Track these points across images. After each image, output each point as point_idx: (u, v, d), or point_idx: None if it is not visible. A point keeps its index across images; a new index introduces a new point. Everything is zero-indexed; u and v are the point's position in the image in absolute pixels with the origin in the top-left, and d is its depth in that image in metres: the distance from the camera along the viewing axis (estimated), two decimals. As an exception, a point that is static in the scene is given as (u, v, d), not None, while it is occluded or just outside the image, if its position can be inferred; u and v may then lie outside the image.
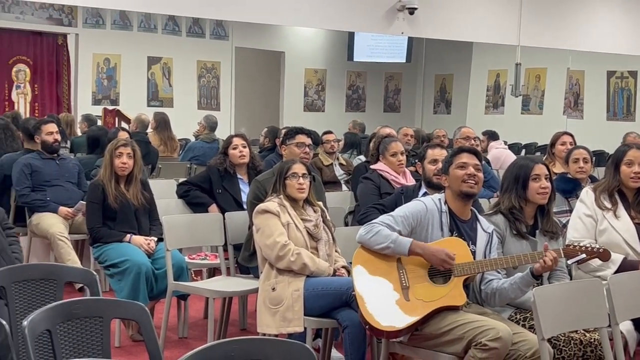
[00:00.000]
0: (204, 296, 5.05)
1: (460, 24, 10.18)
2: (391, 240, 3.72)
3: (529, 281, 3.66)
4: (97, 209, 5.26)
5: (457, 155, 3.92)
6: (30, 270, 3.43)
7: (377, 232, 3.75)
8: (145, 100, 14.51)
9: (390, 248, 3.73)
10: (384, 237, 3.74)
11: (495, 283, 3.77)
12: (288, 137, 5.58)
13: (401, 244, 3.71)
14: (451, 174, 3.88)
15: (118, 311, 2.99)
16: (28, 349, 2.57)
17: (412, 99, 18.19)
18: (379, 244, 3.75)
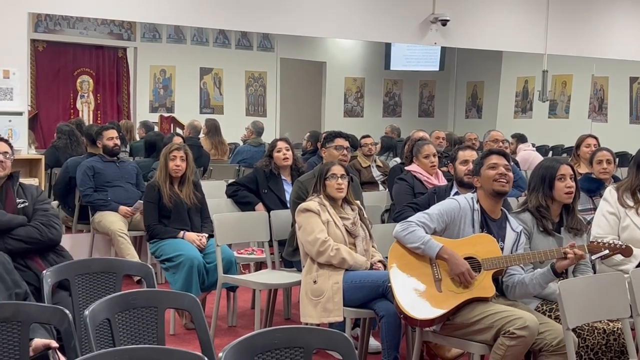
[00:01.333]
0: (251, 288, 5.07)
1: (490, 34, 10.08)
2: (423, 242, 3.72)
3: (549, 277, 3.63)
4: (153, 208, 5.30)
5: (487, 157, 3.90)
6: (92, 264, 3.47)
7: (412, 232, 3.75)
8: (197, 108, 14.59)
9: (421, 249, 3.73)
10: (418, 237, 3.73)
11: (516, 277, 3.75)
12: (327, 141, 5.57)
13: (431, 248, 3.71)
14: (482, 175, 3.85)
15: (172, 302, 3.02)
16: (89, 336, 2.60)
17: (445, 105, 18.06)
18: (412, 242, 3.74)
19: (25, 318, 2.66)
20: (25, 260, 3.88)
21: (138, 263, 3.73)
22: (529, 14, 10.46)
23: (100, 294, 3.34)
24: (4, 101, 6.36)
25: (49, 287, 3.24)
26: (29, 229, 3.92)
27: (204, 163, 8.25)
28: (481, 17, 10.03)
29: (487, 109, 17.19)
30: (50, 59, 12.90)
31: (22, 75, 6.48)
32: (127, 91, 13.86)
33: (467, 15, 9.83)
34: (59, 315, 2.68)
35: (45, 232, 3.94)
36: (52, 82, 12.91)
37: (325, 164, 4.67)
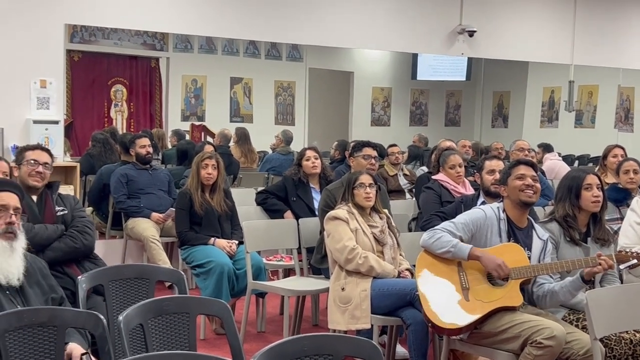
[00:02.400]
0: (280, 294, 5.07)
1: (516, 44, 10.02)
2: (452, 245, 3.69)
3: (579, 285, 3.59)
4: (185, 215, 5.33)
5: (515, 167, 3.87)
6: (125, 270, 3.50)
7: (439, 238, 3.73)
8: (228, 117, 14.64)
9: (451, 252, 3.70)
10: (446, 242, 3.71)
11: (546, 286, 3.72)
12: (356, 150, 5.57)
13: (461, 249, 3.68)
14: (510, 185, 3.83)
15: (203, 308, 3.03)
16: (123, 341, 2.62)
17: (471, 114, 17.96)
18: (440, 248, 3.72)
19: (61, 323, 2.69)
20: (62, 266, 3.92)
21: (170, 269, 3.75)
22: (555, 25, 10.39)
23: (133, 299, 3.37)
24: (41, 110, 6.44)
25: (84, 292, 3.27)
26: (66, 241, 3.97)
27: (234, 171, 8.28)
28: (508, 28, 9.98)
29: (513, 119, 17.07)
30: (85, 69, 13.03)
31: (59, 85, 6.56)
32: (159, 100, 13.96)
33: (494, 26, 9.79)
34: (94, 320, 2.71)
35: (80, 239, 3.99)
36: (87, 92, 13.05)
37: (353, 172, 4.67)
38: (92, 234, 4.07)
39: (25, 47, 6.41)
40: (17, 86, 6.37)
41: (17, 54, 6.37)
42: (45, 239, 3.90)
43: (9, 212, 3.11)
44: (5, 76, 6.32)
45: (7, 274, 3.01)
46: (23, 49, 6.40)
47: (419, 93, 17.62)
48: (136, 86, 13.78)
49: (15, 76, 6.36)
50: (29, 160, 4.10)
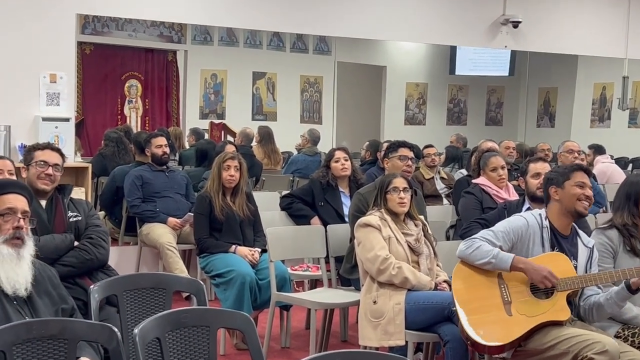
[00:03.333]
0: (306, 307, 5.07)
1: (565, 36, 9.94)
2: (492, 255, 3.67)
3: (625, 295, 3.58)
4: (204, 220, 5.35)
5: (575, 172, 3.84)
6: (141, 279, 3.52)
7: (478, 248, 3.72)
8: (250, 114, 14.69)
9: (491, 263, 3.68)
10: (485, 252, 3.69)
11: (593, 298, 3.70)
12: (391, 151, 5.56)
13: (503, 260, 3.66)
14: (566, 189, 3.80)
15: (224, 320, 3.04)
16: (138, 356, 2.63)
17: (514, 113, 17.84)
18: (479, 259, 3.71)
19: (72, 335, 2.71)
20: (73, 277, 3.94)
21: (189, 279, 3.77)
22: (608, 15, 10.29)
23: (149, 311, 3.39)
24: (50, 107, 6.51)
25: (96, 303, 3.30)
26: (78, 254, 3.95)
27: (256, 173, 8.31)
28: (556, 19, 9.90)
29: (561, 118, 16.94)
30: (97, 63, 13.14)
31: (70, 80, 6.63)
32: (176, 96, 14.04)
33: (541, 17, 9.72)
34: (108, 333, 2.72)
35: (94, 253, 3.98)
36: (99, 87, 13.16)
37: (386, 175, 4.66)
38: (106, 247, 4.07)
39: (34, 39, 6.48)
40: (25, 81, 6.44)
41: (25, 46, 6.44)
42: (53, 251, 3.88)
43: (16, 216, 3.13)
44: (13, 70, 6.39)
45: (14, 283, 3.03)
46: (31, 40, 6.47)
47: (457, 89, 17.56)
48: (152, 81, 13.88)
49: (23, 70, 6.42)
50: (38, 161, 4.13)
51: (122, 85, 13.62)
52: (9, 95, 6.37)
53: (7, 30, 6.39)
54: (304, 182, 7.16)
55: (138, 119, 13.68)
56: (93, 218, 4.16)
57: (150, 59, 13.88)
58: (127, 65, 13.61)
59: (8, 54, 6.37)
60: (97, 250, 4.00)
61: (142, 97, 13.82)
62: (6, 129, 6.26)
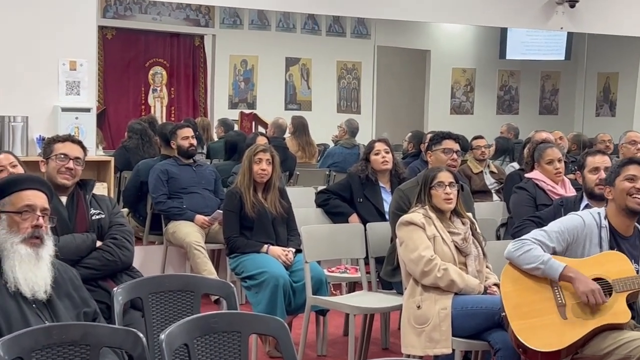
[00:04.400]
0: (344, 312, 5.07)
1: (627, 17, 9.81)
2: (542, 261, 3.70)
3: None
4: (234, 217, 5.37)
5: (625, 166, 3.83)
6: (167, 281, 3.54)
7: (528, 251, 3.74)
8: (283, 104, 14.73)
9: (540, 270, 3.71)
10: (535, 257, 3.72)
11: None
12: (434, 143, 5.54)
13: (552, 267, 3.69)
14: (617, 186, 3.81)
15: (257, 326, 3.05)
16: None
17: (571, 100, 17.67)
18: (528, 263, 3.73)
19: (95, 341, 2.73)
20: (96, 279, 3.98)
21: (219, 281, 3.79)
22: (676, -7, 10.14)
23: (176, 315, 3.42)
24: (70, 96, 6.56)
25: (120, 307, 3.33)
26: (101, 255, 3.99)
27: (289, 167, 8.32)
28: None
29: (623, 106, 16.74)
30: (119, 49, 13.26)
31: (91, 67, 6.67)
32: (204, 85, 14.12)
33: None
34: (132, 338, 2.75)
35: (117, 254, 4.02)
36: (122, 75, 13.28)
37: (430, 169, 4.65)
38: (131, 248, 4.11)
39: (52, 23, 6.53)
40: (43, 69, 6.50)
41: (42, 31, 6.50)
42: (73, 252, 3.92)
43: (35, 214, 3.16)
44: (30, 57, 6.46)
45: (32, 285, 3.07)
46: (49, 25, 6.53)
47: (508, 75, 17.43)
48: (177, 68, 13.97)
49: (40, 57, 6.49)
50: (58, 154, 4.18)
51: (145, 73, 13.72)
52: (26, 84, 6.44)
53: (24, 15, 6.46)
54: (341, 176, 7.16)
55: (163, 109, 13.79)
56: (117, 216, 4.20)
57: (175, 45, 13.97)
58: (151, 51, 13.71)
59: (24, 39, 6.44)
60: (121, 251, 4.04)
61: (168, 86, 13.92)
62: (23, 120, 6.34)
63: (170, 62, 13.84)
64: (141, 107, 13.54)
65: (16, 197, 3.17)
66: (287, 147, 8.81)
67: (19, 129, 6.31)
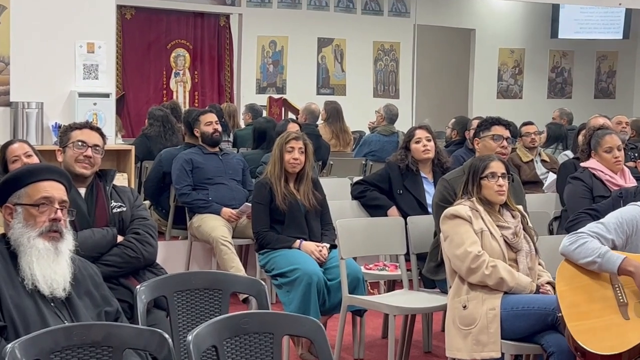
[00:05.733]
0: (383, 312, 5.08)
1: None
2: (599, 254, 3.69)
3: None
4: (263, 210, 5.38)
5: None
6: (194, 278, 3.55)
7: (584, 244, 3.74)
8: (314, 88, 14.76)
9: (597, 263, 3.71)
10: (591, 250, 3.72)
11: None
12: (483, 129, 5.52)
13: (610, 260, 3.68)
14: None
15: (290, 327, 3.06)
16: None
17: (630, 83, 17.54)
18: (584, 257, 3.73)
19: (118, 343, 2.75)
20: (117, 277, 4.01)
21: (248, 279, 3.80)
22: None
23: (203, 315, 3.44)
24: (88, 80, 6.61)
25: (143, 306, 3.36)
26: (122, 252, 4.02)
27: (323, 156, 8.34)
28: (681, -31, 9.69)
29: (687, 88, 16.61)
30: (139, 29, 13.36)
31: (110, 49, 6.71)
32: (229, 68, 14.19)
33: (662, -33, 9.52)
34: (158, 339, 2.77)
35: (140, 250, 4.05)
36: (142, 57, 13.38)
37: (480, 158, 4.62)
38: (154, 243, 4.13)
39: (68, 3, 6.58)
40: (59, 51, 6.55)
41: (58, 11, 6.54)
42: (92, 249, 3.94)
43: (53, 207, 3.19)
44: (45, 39, 6.50)
45: (51, 282, 3.09)
46: (65, 5, 6.57)
47: (560, 56, 17.34)
48: (201, 50, 14.06)
49: (56, 39, 6.53)
50: (75, 141, 4.22)
51: (167, 56, 13.81)
52: (41, 68, 6.49)
53: (38, -6, 6.51)
54: (379, 166, 7.16)
55: (186, 94, 13.87)
56: (139, 209, 4.23)
57: (199, 25, 14.04)
58: (173, 32, 13.79)
59: (39, 21, 6.48)
60: (144, 247, 4.07)
61: (191, 69, 14.00)
62: (38, 107, 6.39)
63: (194, 43, 13.92)
64: (163, 92, 13.62)
65: (32, 188, 3.20)
66: (320, 134, 8.82)
67: (33, 115, 6.37)
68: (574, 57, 17.41)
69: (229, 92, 14.19)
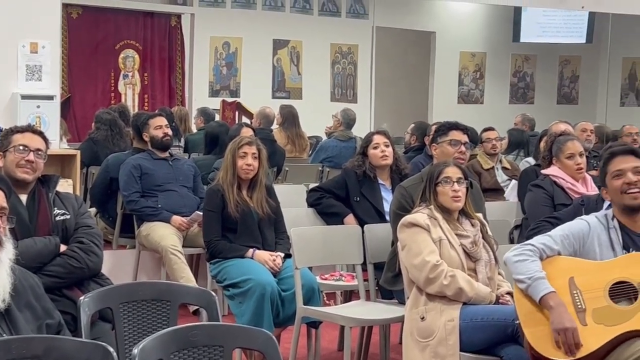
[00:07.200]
0: (339, 324, 5.08)
1: (655, -6, 9.86)
2: (531, 277, 3.76)
3: None
4: (215, 218, 5.37)
5: (610, 162, 3.95)
6: (140, 289, 3.54)
7: (524, 262, 3.81)
8: (269, 91, 14.76)
9: (525, 284, 3.78)
10: (527, 270, 3.79)
11: None
12: (440, 134, 5.55)
13: (537, 288, 3.75)
14: (609, 185, 3.93)
15: (241, 339, 3.05)
16: (138, 381, 2.66)
17: (593, 88, 17.73)
18: (518, 274, 3.81)
19: (60, 356, 2.73)
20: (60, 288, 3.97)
21: (198, 289, 3.79)
22: None
23: (150, 327, 3.42)
24: (31, 82, 6.54)
25: (87, 318, 3.33)
26: (65, 262, 3.97)
27: (277, 162, 8.33)
28: (644, -28, 9.83)
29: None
30: (86, 29, 13.26)
31: (54, 50, 6.65)
32: (181, 70, 14.14)
33: (626, -30, 9.65)
34: (102, 353, 2.74)
35: (84, 260, 4.00)
36: (89, 58, 13.27)
37: (436, 164, 4.66)
38: (99, 253, 4.09)
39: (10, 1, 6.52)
40: (0, 51, 6.49)
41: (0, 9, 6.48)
42: (34, 258, 3.88)
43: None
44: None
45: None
46: (7, 2, 6.51)
47: (522, 60, 17.50)
48: (151, 51, 13.99)
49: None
50: (16, 145, 4.17)
51: (116, 57, 13.73)
52: (-19, 68, 6.42)
53: (-22, -10, 6.44)
54: (336, 172, 7.18)
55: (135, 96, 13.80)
56: (84, 217, 4.19)
57: (149, 25, 13.97)
58: (122, 32, 13.71)
59: (-21, 18, 6.42)
60: (89, 257, 4.03)
61: (140, 71, 13.93)
62: (-23, 109, 6.33)
63: (144, 44, 13.85)
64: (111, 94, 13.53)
65: None
66: (274, 139, 8.81)
67: (-27, 118, 6.30)
68: (537, 61, 17.58)
69: (180, 95, 14.14)
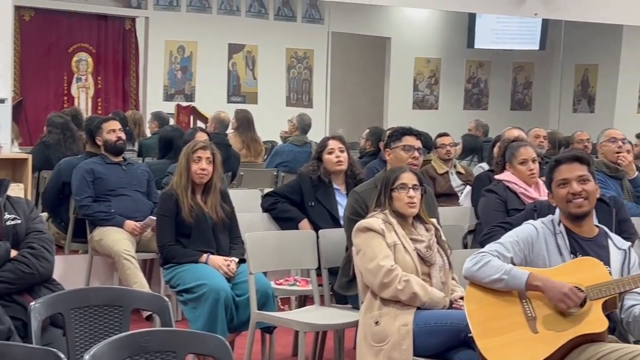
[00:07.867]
0: (293, 329, 5.07)
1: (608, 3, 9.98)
2: (504, 271, 3.77)
3: None
4: (169, 223, 5.35)
5: (555, 170, 3.99)
6: (92, 294, 3.51)
7: (487, 263, 3.82)
8: (225, 96, 14.72)
9: (503, 281, 3.77)
10: (496, 268, 3.79)
11: (637, 309, 3.75)
12: (393, 139, 5.57)
13: (516, 276, 3.75)
14: (555, 194, 3.98)
15: (194, 345, 3.03)
16: (90, 388, 2.64)
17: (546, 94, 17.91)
18: (489, 276, 3.80)
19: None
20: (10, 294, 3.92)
21: (150, 294, 3.77)
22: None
23: (102, 333, 3.39)
24: (-19, 85, 6.50)
25: (38, 324, 3.29)
26: (16, 267, 3.90)
27: (232, 166, 8.32)
28: (596, -19, 9.95)
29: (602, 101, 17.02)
30: (39, 32, 13.14)
31: (6, 52, 6.61)
32: (135, 74, 14.06)
33: (578, -22, 9.77)
34: (52, 359, 2.72)
35: (35, 266, 3.94)
36: (42, 61, 13.16)
37: (392, 170, 4.68)
38: (51, 258, 4.03)
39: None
40: (-49, 53, 6.42)
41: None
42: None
43: (-60, 218, 3.13)
44: None
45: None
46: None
47: (477, 66, 17.64)
48: (105, 55, 13.90)
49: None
50: (-34, 150, 4.13)
51: (69, 60, 13.62)
52: None
53: None
54: (291, 177, 7.17)
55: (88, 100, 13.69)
56: (35, 222, 4.14)
57: (103, 28, 13.88)
58: (75, 35, 13.60)
59: None
60: (40, 262, 3.98)
61: (94, 74, 13.83)
62: None
63: (97, 47, 13.75)
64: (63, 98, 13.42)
65: None
66: (229, 144, 8.80)
67: None
68: (491, 67, 17.73)
69: (134, 99, 14.06)
